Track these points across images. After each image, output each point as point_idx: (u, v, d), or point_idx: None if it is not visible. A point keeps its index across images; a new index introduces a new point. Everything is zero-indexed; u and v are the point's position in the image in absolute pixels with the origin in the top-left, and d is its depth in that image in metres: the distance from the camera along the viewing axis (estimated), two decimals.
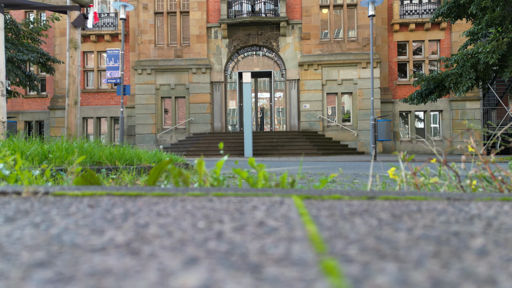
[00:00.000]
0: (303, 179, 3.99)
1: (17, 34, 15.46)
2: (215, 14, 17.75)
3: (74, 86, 4.60)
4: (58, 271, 0.44)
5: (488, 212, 0.85)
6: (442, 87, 12.95)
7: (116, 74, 12.54)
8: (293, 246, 0.56)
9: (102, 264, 0.47)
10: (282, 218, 0.75)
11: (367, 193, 1.11)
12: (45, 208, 0.85)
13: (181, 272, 0.45)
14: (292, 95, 17.39)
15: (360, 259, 0.50)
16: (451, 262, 0.49)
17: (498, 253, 0.53)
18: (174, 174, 1.44)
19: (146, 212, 0.81)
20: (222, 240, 0.59)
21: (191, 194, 1.06)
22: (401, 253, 0.53)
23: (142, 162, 3.81)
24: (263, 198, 1.01)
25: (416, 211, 0.85)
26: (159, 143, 17.36)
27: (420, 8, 18.04)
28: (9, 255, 0.51)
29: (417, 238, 0.61)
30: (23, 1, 4.57)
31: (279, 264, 0.47)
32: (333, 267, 0.46)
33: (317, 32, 17.08)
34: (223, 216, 0.78)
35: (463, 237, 0.62)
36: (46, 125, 19.62)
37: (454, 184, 1.70)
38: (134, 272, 0.44)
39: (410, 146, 17.69)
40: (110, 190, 1.10)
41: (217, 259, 0.50)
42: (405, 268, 0.46)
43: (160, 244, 0.57)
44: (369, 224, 0.72)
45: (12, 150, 2.67)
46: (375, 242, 0.59)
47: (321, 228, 0.68)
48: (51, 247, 0.55)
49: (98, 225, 0.69)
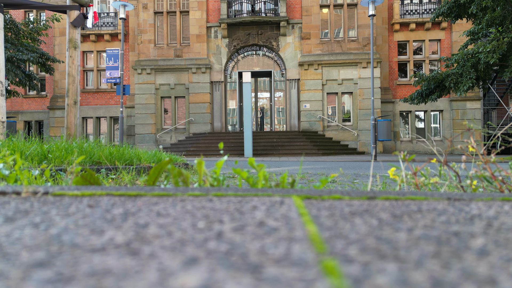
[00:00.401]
0: (303, 179, 3.99)
1: (16, 34, 15.45)
2: (215, 14, 17.74)
3: (73, 86, 4.60)
4: (58, 271, 0.44)
5: (488, 212, 0.85)
6: (443, 87, 12.94)
7: (115, 74, 12.53)
8: (293, 246, 0.56)
9: (102, 264, 0.47)
10: (282, 218, 0.75)
11: (368, 193, 1.11)
12: (45, 208, 0.85)
13: (181, 272, 0.44)
14: (292, 95, 17.39)
15: (360, 259, 0.50)
16: (451, 262, 0.49)
17: (499, 253, 0.53)
18: (174, 174, 1.43)
19: (146, 212, 0.81)
20: (222, 240, 0.59)
21: (191, 194, 1.06)
22: (401, 253, 0.53)
23: (142, 162, 3.81)
24: (263, 198, 1.01)
25: (416, 211, 0.85)
26: (159, 143, 17.36)
27: (421, 8, 18.03)
28: (9, 255, 0.51)
29: (418, 238, 0.61)
30: (23, 1, 4.57)
31: (279, 264, 0.47)
32: (333, 267, 0.46)
33: (317, 31, 17.07)
34: (223, 216, 0.78)
35: (464, 237, 0.62)
36: (45, 125, 19.62)
37: (455, 184, 1.69)
38: (134, 272, 0.44)
39: (411, 146, 17.69)
40: (110, 190, 1.10)
41: (217, 259, 0.50)
42: (405, 268, 0.46)
43: (160, 244, 0.57)
44: (370, 224, 0.72)
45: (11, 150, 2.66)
46: (375, 242, 0.58)
47: (321, 228, 0.68)
48: (50, 247, 0.55)
49: (98, 225, 0.69)
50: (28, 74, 15.70)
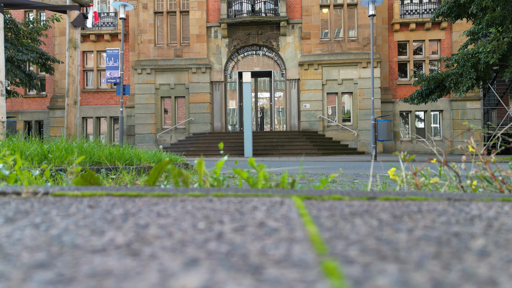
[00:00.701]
0: (303, 179, 3.99)
1: (16, 34, 15.44)
2: (215, 14, 17.74)
3: (73, 85, 4.60)
4: (59, 272, 0.44)
5: (488, 213, 0.85)
6: (443, 87, 12.94)
7: (115, 74, 12.53)
8: (294, 247, 0.56)
9: (103, 265, 0.47)
10: (282, 219, 0.75)
11: (368, 194, 1.11)
12: (45, 208, 0.85)
13: (182, 273, 0.44)
14: (292, 94, 17.39)
15: (361, 260, 0.50)
16: (451, 263, 0.49)
17: (499, 254, 0.53)
18: (174, 174, 1.43)
19: (146, 213, 0.81)
20: (222, 241, 0.59)
21: (191, 195, 1.06)
22: (401, 254, 0.53)
23: (142, 162, 3.81)
24: (263, 198, 1.01)
25: (416, 212, 0.85)
26: (159, 143, 17.36)
27: (421, 8, 18.03)
28: (10, 256, 0.51)
29: (418, 239, 0.61)
30: (23, 1, 4.57)
31: (279, 265, 0.47)
32: (334, 268, 0.46)
33: (317, 31, 17.07)
34: (223, 216, 0.78)
35: (464, 238, 0.62)
36: (45, 125, 19.62)
37: (455, 184, 1.69)
38: (135, 273, 0.44)
39: (411, 146, 17.69)
40: (110, 191, 1.10)
41: (217, 260, 0.50)
42: (405, 269, 0.46)
43: (160, 245, 0.57)
44: (370, 224, 0.72)
45: (11, 150, 2.67)
46: (375, 243, 0.58)
47: (322, 228, 0.68)
48: (51, 248, 0.55)
49: (98, 226, 0.69)
50: (28, 73, 15.70)
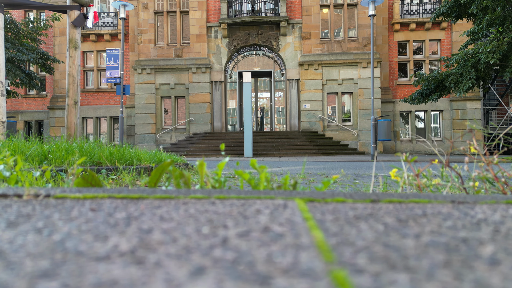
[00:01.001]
0: (304, 180, 3.98)
1: (17, 34, 15.42)
2: (215, 14, 17.72)
3: (74, 86, 4.59)
4: (64, 283, 0.43)
5: (494, 216, 0.84)
6: (443, 87, 12.93)
7: (115, 74, 12.51)
8: (301, 254, 0.55)
9: (108, 275, 0.46)
10: (287, 223, 0.75)
11: (371, 196, 1.10)
12: (47, 212, 0.84)
13: (189, 283, 0.44)
14: (292, 94, 17.38)
15: (370, 269, 0.49)
16: (463, 273, 0.48)
17: (510, 262, 0.52)
18: (175, 175, 1.43)
19: (149, 216, 0.80)
20: (227, 247, 0.58)
21: (193, 197, 1.06)
22: (411, 262, 0.52)
23: (142, 163, 3.80)
24: (266, 201, 1.00)
25: (421, 215, 0.84)
26: (159, 143, 17.34)
27: (421, 8, 18.02)
28: (13, 264, 0.50)
29: (426, 245, 0.60)
30: (23, 1, 4.56)
31: (287, 274, 0.46)
32: (344, 278, 0.45)
33: (317, 31, 17.06)
34: (227, 220, 0.77)
35: (472, 244, 0.62)
36: (45, 125, 19.60)
37: (457, 185, 1.69)
38: (141, 283, 0.43)
39: (411, 146, 17.68)
40: (112, 193, 1.09)
41: (224, 268, 0.49)
42: (417, 280, 0.45)
43: (165, 251, 0.56)
44: (375, 229, 0.71)
45: (12, 151, 2.66)
46: (383, 249, 0.58)
47: (327, 234, 0.67)
48: (55, 255, 0.54)
49: (101, 231, 0.68)
50: (28, 73, 15.68)
